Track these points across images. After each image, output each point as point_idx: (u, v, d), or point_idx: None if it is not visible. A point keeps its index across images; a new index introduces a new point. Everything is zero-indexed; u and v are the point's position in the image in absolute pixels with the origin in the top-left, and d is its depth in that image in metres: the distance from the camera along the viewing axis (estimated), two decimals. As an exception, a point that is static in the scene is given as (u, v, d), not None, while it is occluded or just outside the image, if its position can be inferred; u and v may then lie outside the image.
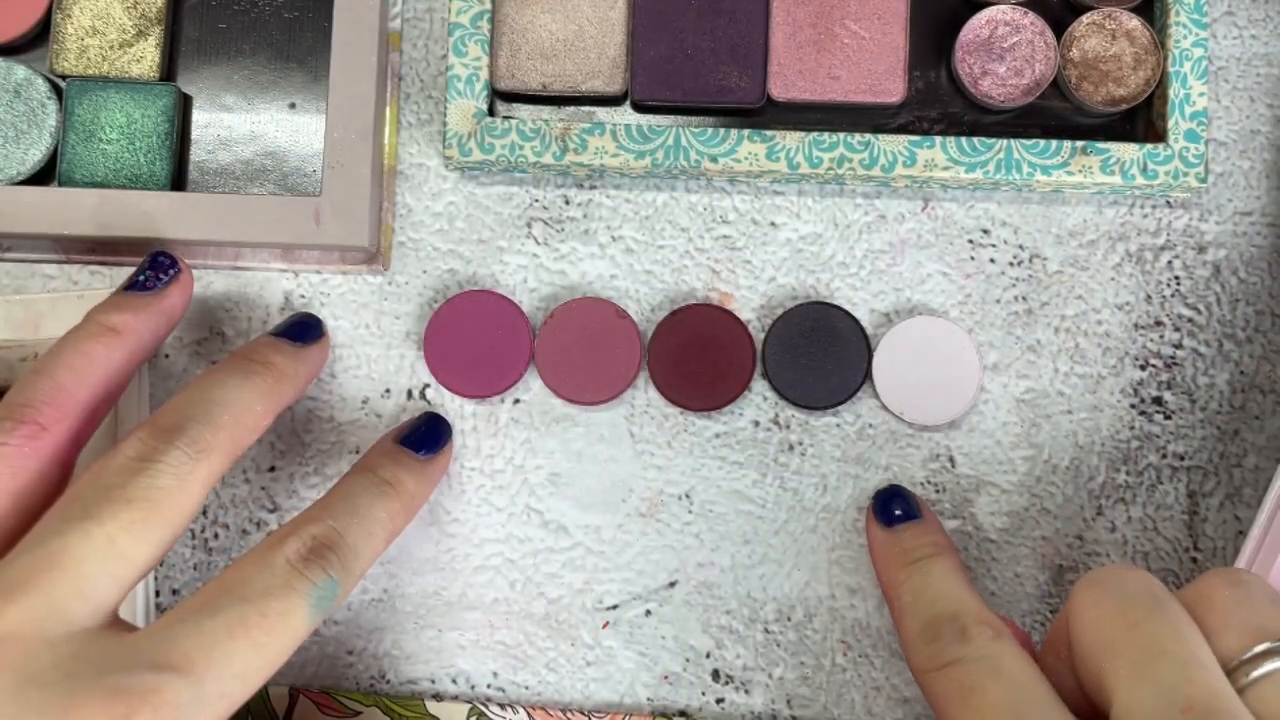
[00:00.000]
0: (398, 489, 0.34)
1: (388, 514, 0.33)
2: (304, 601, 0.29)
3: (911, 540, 0.36)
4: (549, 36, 0.39)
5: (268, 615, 0.28)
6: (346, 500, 0.32)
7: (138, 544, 0.28)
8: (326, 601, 0.30)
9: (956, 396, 0.39)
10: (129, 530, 0.28)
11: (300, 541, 0.30)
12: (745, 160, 0.39)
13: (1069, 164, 0.38)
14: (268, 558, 0.30)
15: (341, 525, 0.31)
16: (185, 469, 0.30)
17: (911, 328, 0.39)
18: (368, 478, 0.34)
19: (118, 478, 0.29)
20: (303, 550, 0.30)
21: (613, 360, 0.39)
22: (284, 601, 0.29)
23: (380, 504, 0.33)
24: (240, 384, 0.32)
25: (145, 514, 0.28)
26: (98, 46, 0.39)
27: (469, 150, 0.39)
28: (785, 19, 0.39)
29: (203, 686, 0.26)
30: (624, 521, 0.40)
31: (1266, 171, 0.41)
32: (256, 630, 0.28)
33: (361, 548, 0.32)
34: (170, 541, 0.29)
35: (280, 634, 0.28)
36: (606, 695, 0.39)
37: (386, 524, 0.33)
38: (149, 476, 0.29)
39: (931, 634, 0.32)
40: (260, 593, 0.28)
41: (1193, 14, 0.39)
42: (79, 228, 0.38)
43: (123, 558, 0.28)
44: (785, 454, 0.40)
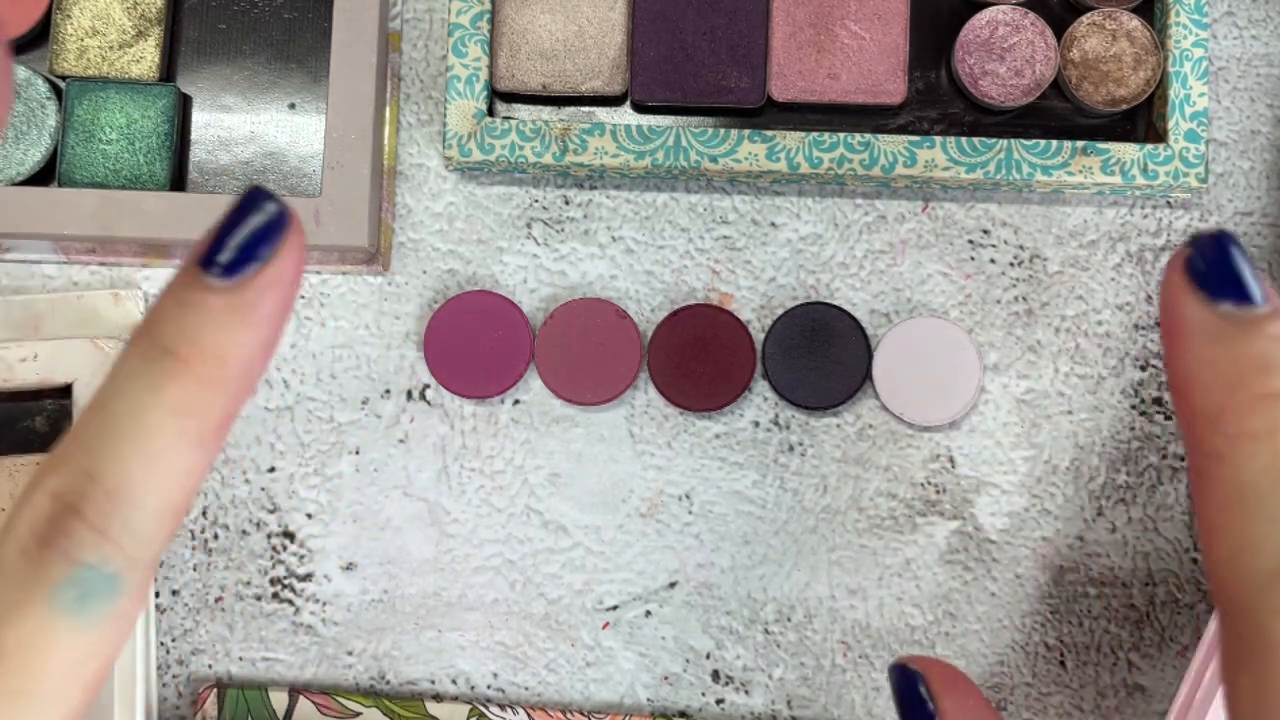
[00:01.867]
0: (187, 356, 0.19)
1: (175, 410, 0.19)
2: (55, 614, 0.18)
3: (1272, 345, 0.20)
4: (549, 37, 0.39)
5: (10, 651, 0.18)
6: (103, 410, 0.19)
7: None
8: (98, 596, 0.19)
9: (956, 397, 0.39)
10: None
11: (33, 512, 0.19)
12: (745, 161, 0.39)
13: (1069, 164, 0.38)
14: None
15: (95, 458, 0.19)
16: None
17: (911, 328, 0.39)
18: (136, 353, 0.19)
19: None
20: (37, 527, 0.19)
21: (613, 361, 0.39)
22: (28, 621, 0.18)
23: (157, 397, 0.19)
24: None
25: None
26: (97, 47, 0.39)
27: (469, 151, 0.39)
28: (785, 19, 0.39)
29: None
30: (624, 522, 0.40)
31: (1267, 172, 0.41)
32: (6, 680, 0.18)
33: (138, 490, 0.19)
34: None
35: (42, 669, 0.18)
36: (606, 696, 0.39)
37: (178, 427, 0.19)
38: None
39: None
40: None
41: (1193, 14, 0.39)
42: (79, 228, 0.38)
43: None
44: (785, 454, 0.40)
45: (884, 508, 0.40)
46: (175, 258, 0.40)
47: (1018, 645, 0.39)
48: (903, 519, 0.40)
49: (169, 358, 0.19)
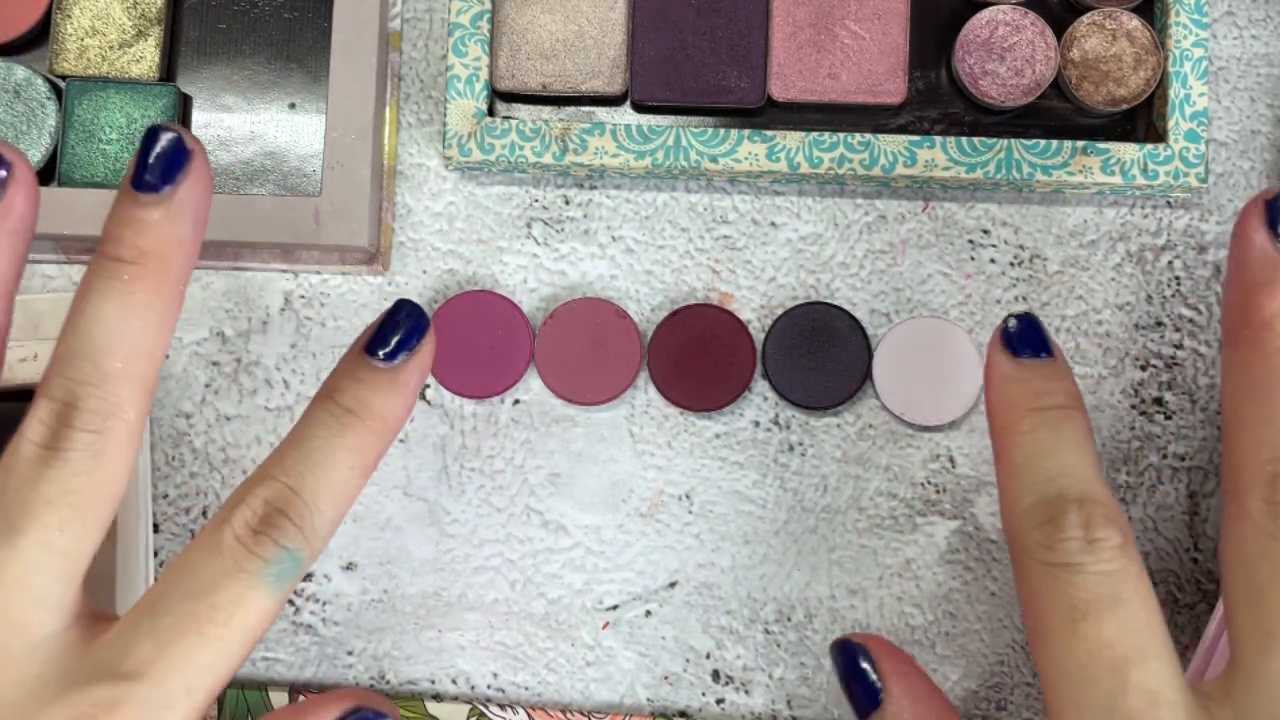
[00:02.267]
0: (361, 415, 0.28)
1: (352, 449, 0.28)
2: (259, 583, 0.26)
3: (1045, 383, 0.29)
4: (549, 36, 0.39)
5: (218, 608, 0.26)
6: (300, 446, 0.28)
7: (75, 539, 0.26)
8: (287, 576, 0.27)
9: (956, 397, 0.39)
10: (60, 531, 0.26)
11: (249, 511, 0.27)
12: (745, 160, 0.39)
13: (1069, 164, 0.38)
14: (215, 539, 0.26)
15: (295, 479, 0.27)
16: (97, 448, 0.26)
17: (911, 328, 0.39)
18: (324, 409, 0.28)
19: (28, 479, 0.26)
20: (252, 522, 0.26)
21: (613, 361, 0.39)
22: (234, 589, 0.26)
23: (341, 440, 0.28)
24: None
25: (72, 509, 0.26)
26: (97, 47, 0.39)
27: (469, 150, 0.39)
28: (785, 19, 0.39)
29: (165, 689, 0.25)
30: (624, 522, 0.40)
31: (1267, 172, 0.41)
32: (209, 625, 0.26)
33: (323, 501, 0.27)
34: (111, 514, 0.27)
35: (238, 624, 0.26)
36: (606, 696, 0.39)
37: (352, 462, 0.28)
38: (59, 469, 0.26)
39: (1047, 516, 0.27)
40: (208, 584, 0.26)
41: (1193, 14, 0.39)
42: (79, 228, 0.38)
43: (65, 556, 0.26)
44: (785, 454, 0.40)
45: (884, 507, 0.40)
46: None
47: (1018, 645, 0.39)
48: (903, 519, 0.40)
49: (349, 415, 0.28)
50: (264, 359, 0.40)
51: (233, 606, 0.26)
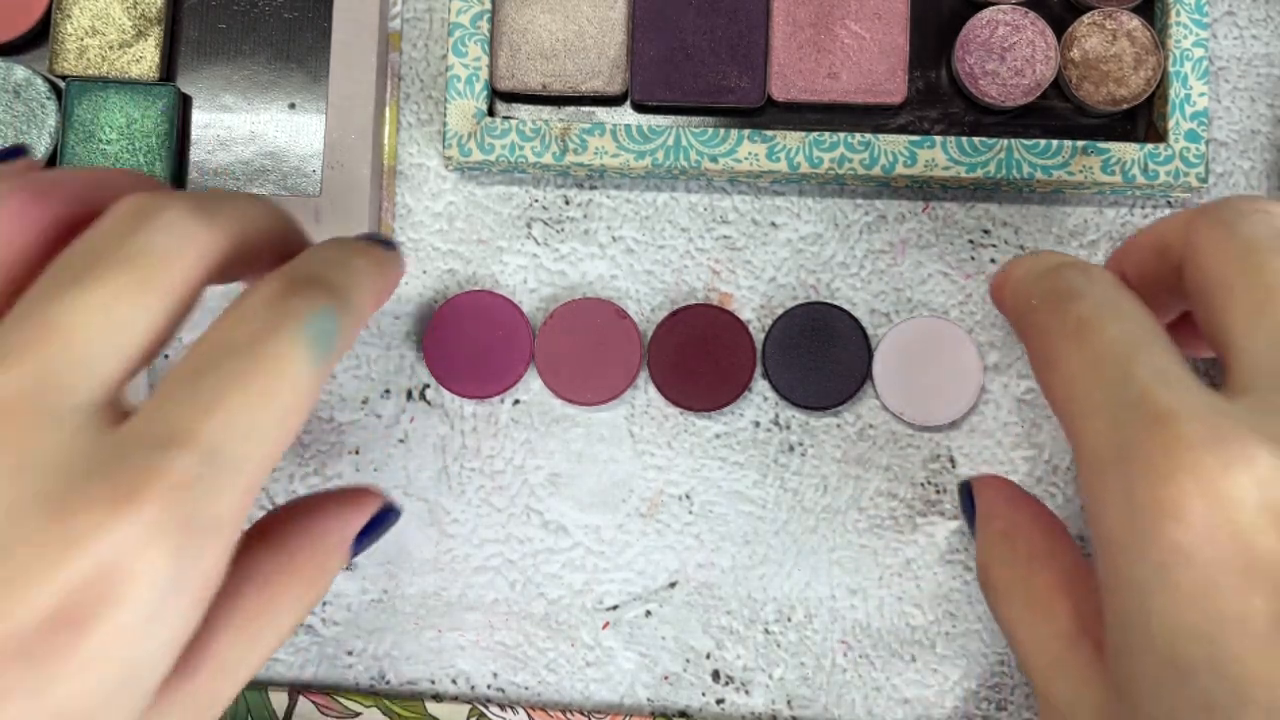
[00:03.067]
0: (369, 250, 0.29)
1: (367, 265, 0.28)
2: (297, 338, 0.24)
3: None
4: (549, 36, 0.39)
5: (260, 360, 0.24)
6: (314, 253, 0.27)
7: (138, 311, 0.24)
8: (326, 337, 0.25)
9: (957, 397, 0.39)
10: (125, 295, 0.24)
11: (273, 284, 0.25)
12: (745, 160, 0.39)
13: (1069, 164, 0.38)
14: (242, 307, 0.25)
15: (317, 269, 0.26)
16: (184, 228, 0.25)
17: (911, 328, 0.39)
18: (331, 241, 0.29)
19: (108, 239, 0.25)
20: (279, 289, 0.25)
21: (613, 361, 0.39)
22: (274, 342, 0.24)
23: (357, 256, 0.28)
24: None
25: (142, 278, 0.24)
26: (97, 47, 0.39)
27: (469, 150, 0.39)
28: (785, 19, 0.39)
29: (213, 456, 0.23)
30: (624, 522, 0.40)
31: (1267, 172, 0.41)
32: (252, 380, 0.24)
33: (349, 288, 0.26)
34: (174, 315, 0.25)
35: (281, 380, 0.24)
36: (606, 696, 0.39)
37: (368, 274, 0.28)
38: (144, 235, 0.25)
39: (1052, 267, 0.29)
40: (245, 341, 0.24)
41: (1193, 14, 0.39)
42: (79, 228, 0.38)
43: (123, 326, 0.24)
44: (785, 454, 0.40)
45: (884, 508, 0.40)
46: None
47: (1018, 645, 0.39)
48: (903, 519, 0.40)
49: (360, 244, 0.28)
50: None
51: (276, 361, 0.24)
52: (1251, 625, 0.23)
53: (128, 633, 0.22)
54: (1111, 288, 0.28)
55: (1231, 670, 0.23)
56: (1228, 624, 0.23)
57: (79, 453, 0.23)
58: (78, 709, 0.22)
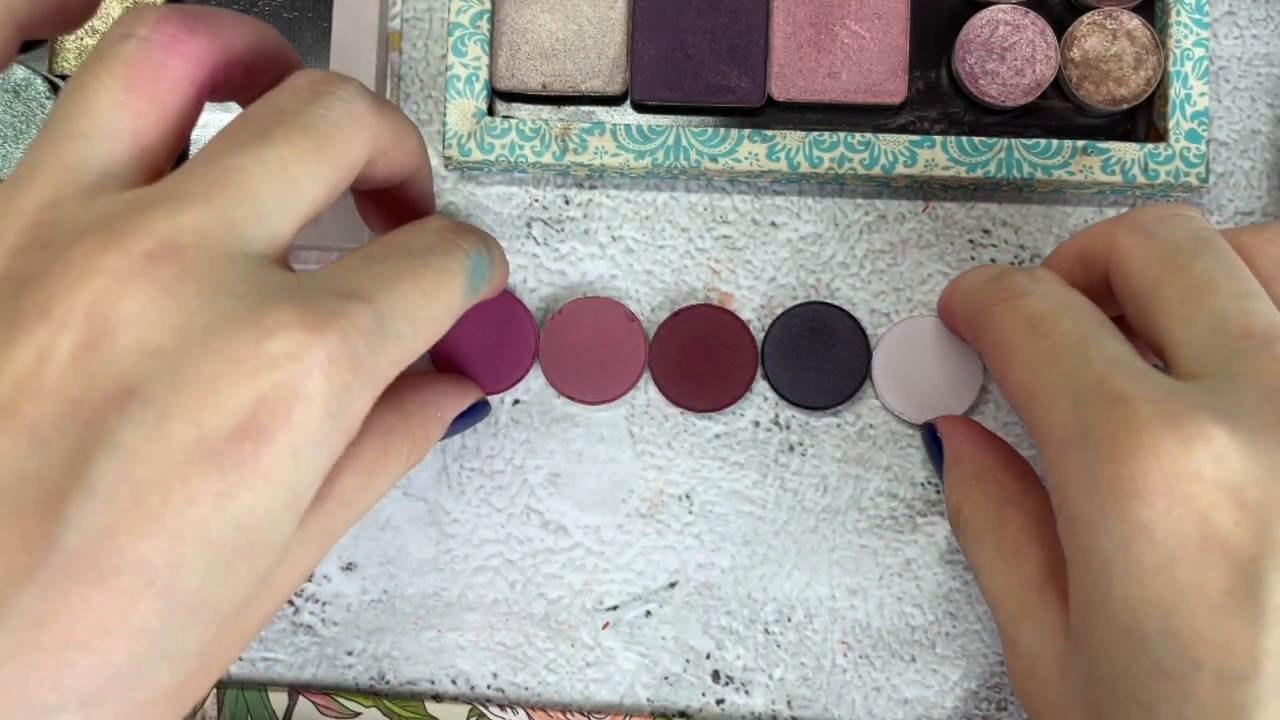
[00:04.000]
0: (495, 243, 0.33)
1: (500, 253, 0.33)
2: (461, 264, 0.28)
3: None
4: (549, 36, 0.39)
5: (431, 266, 0.27)
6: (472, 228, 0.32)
7: (310, 176, 0.26)
8: (479, 276, 0.29)
9: (957, 396, 0.39)
10: (302, 158, 0.25)
11: (447, 220, 0.30)
12: (745, 160, 0.39)
13: (1070, 164, 0.38)
14: (420, 227, 0.29)
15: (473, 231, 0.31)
16: (358, 109, 0.27)
17: (911, 327, 0.39)
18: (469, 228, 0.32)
19: (290, 104, 0.26)
20: (450, 225, 0.29)
21: (617, 362, 0.39)
22: (444, 259, 0.28)
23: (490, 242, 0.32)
24: None
25: (319, 144, 0.26)
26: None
27: (469, 150, 0.39)
28: (785, 19, 0.39)
29: (383, 320, 0.25)
30: (624, 522, 0.40)
31: (1267, 171, 0.41)
32: (423, 278, 0.27)
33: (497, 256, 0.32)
34: (338, 187, 0.27)
35: (444, 288, 0.27)
36: (606, 696, 0.39)
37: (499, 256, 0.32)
38: (323, 107, 0.26)
39: (998, 273, 0.32)
40: (421, 249, 0.27)
41: (1194, 14, 0.39)
42: (78, 228, 0.38)
43: (296, 186, 0.25)
44: (785, 454, 0.40)
45: (884, 508, 0.40)
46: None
47: (1018, 645, 0.39)
48: (903, 519, 0.40)
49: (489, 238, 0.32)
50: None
51: (442, 272, 0.27)
52: (1207, 596, 0.24)
53: (302, 451, 0.23)
54: (1057, 285, 0.30)
55: (1185, 637, 0.25)
56: (1185, 594, 0.24)
57: (269, 281, 0.24)
58: (253, 523, 0.23)
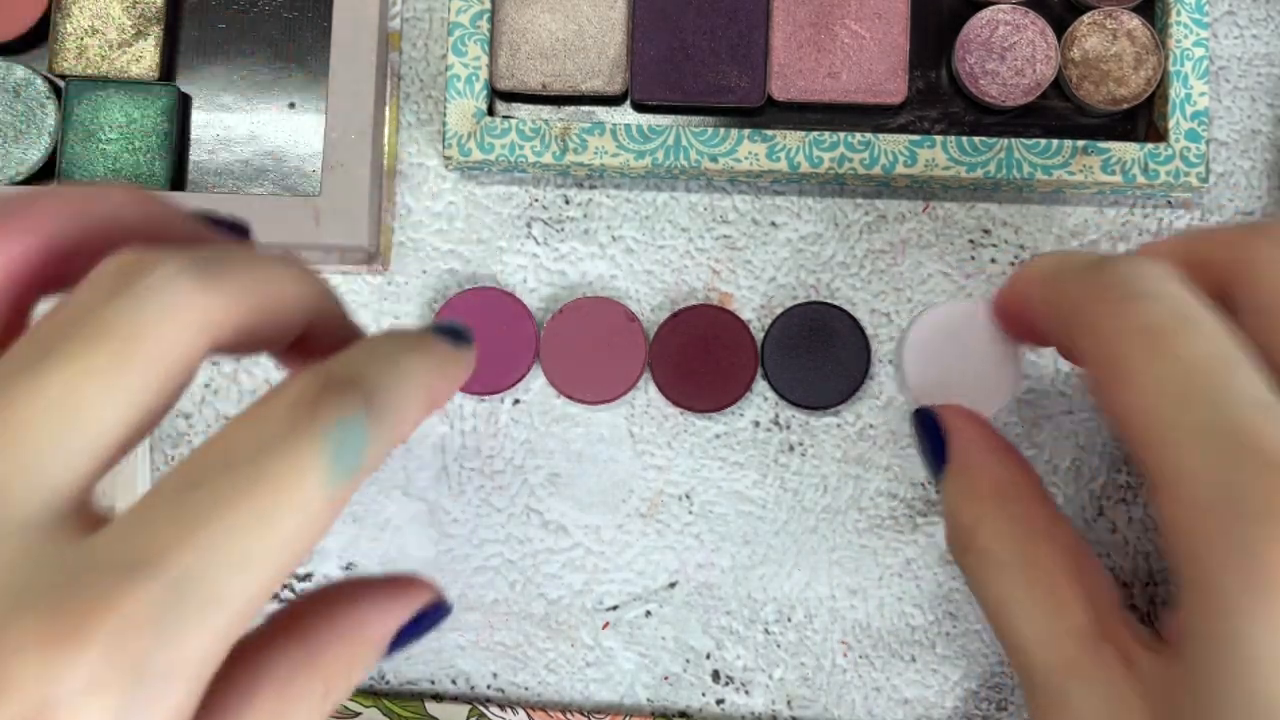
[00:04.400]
0: (430, 346, 0.25)
1: (422, 366, 0.24)
2: (317, 455, 0.20)
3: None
4: (549, 36, 0.39)
5: (265, 478, 0.20)
6: (365, 348, 0.23)
7: (108, 396, 0.20)
8: (351, 454, 0.21)
9: (999, 387, 0.33)
10: (94, 376, 0.20)
11: (306, 381, 0.21)
12: (745, 160, 0.39)
13: (1070, 164, 0.38)
14: (263, 409, 0.21)
15: (363, 368, 0.22)
16: (178, 291, 0.21)
17: (950, 314, 0.33)
18: (389, 336, 0.24)
19: (84, 305, 0.20)
20: (310, 391, 0.21)
21: (618, 363, 0.39)
22: (288, 456, 0.20)
23: (411, 355, 0.24)
24: None
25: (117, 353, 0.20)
26: (97, 46, 0.39)
27: (469, 150, 0.39)
28: (785, 19, 0.39)
29: (184, 585, 0.19)
30: (624, 522, 0.40)
31: (1268, 171, 0.41)
32: (251, 499, 0.19)
33: (393, 393, 0.22)
34: (154, 405, 0.21)
35: (289, 501, 0.20)
36: (606, 696, 0.39)
37: (421, 376, 0.23)
38: (126, 299, 0.20)
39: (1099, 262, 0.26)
40: (254, 450, 0.20)
41: (1194, 13, 0.39)
42: (78, 228, 0.38)
43: (89, 415, 0.20)
44: (786, 454, 0.40)
45: (884, 508, 0.40)
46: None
47: (1018, 645, 0.39)
48: (903, 519, 0.40)
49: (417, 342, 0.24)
50: (263, 359, 0.40)
51: (284, 478, 0.20)
52: None
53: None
54: (1177, 285, 0.25)
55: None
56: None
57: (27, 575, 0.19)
58: None
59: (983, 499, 0.29)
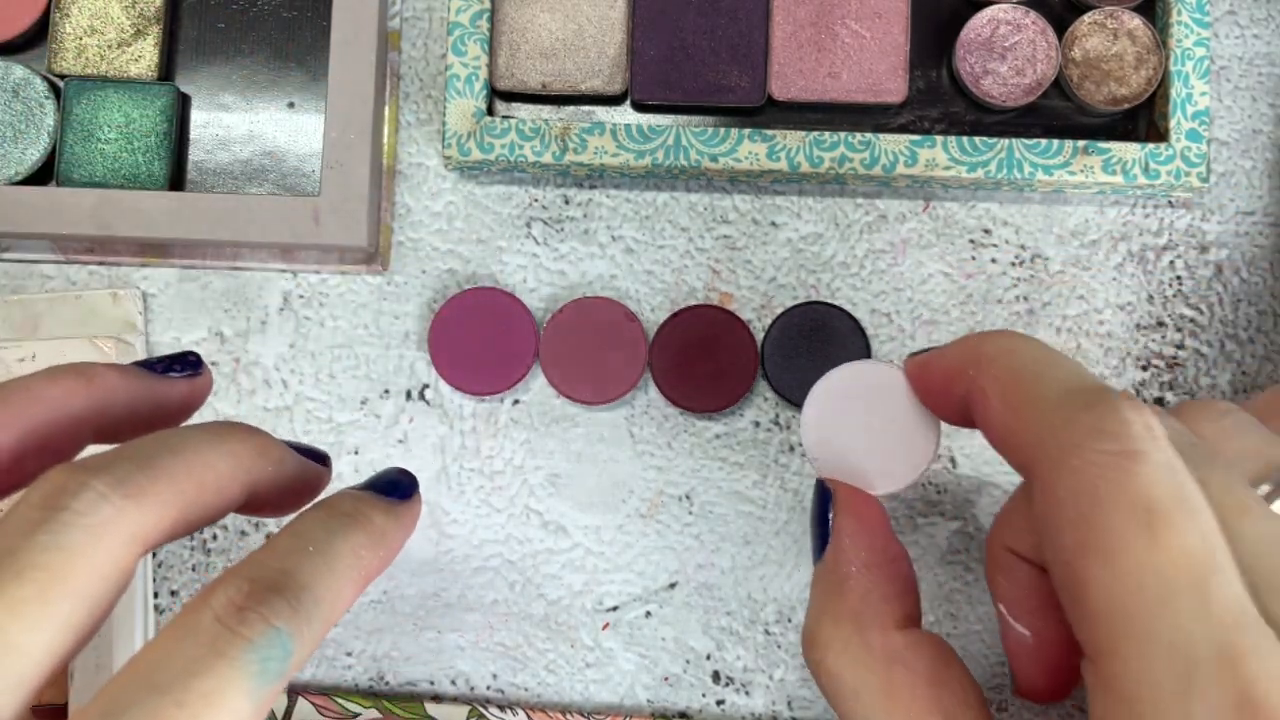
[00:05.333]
0: (361, 522, 0.25)
1: (352, 547, 0.25)
2: (241, 671, 0.21)
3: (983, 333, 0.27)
4: (549, 36, 0.39)
5: (188, 702, 0.20)
6: (295, 537, 0.24)
7: (32, 631, 0.20)
8: (276, 663, 0.21)
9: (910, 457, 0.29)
10: (19, 612, 0.20)
11: (233, 589, 0.22)
12: (746, 160, 0.38)
13: (1070, 164, 0.38)
14: (190, 621, 0.21)
15: (289, 563, 0.23)
16: (107, 510, 0.21)
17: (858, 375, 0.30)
18: (322, 512, 0.25)
19: (10, 539, 0.21)
20: (236, 599, 0.22)
21: (616, 363, 0.39)
22: (212, 677, 0.21)
23: (341, 537, 0.25)
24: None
25: (41, 588, 0.21)
26: (96, 46, 0.39)
27: (468, 150, 0.39)
28: (786, 18, 0.39)
29: None
30: (624, 522, 0.40)
31: (1268, 171, 0.40)
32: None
33: (320, 587, 0.23)
34: (88, 621, 0.21)
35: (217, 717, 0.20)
36: (606, 697, 0.39)
37: (351, 559, 0.24)
38: (49, 532, 0.21)
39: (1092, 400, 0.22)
40: (180, 672, 0.20)
41: (1194, 13, 0.39)
42: (77, 227, 0.38)
43: (13, 651, 0.20)
44: (786, 454, 0.40)
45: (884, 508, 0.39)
46: (174, 257, 0.40)
47: (1019, 646, 0.39)
48: (903, 519, 0.39)
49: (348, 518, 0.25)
50: (262, 359, 0.40)
51: (208, 701, 0.20)
52: None
53: None
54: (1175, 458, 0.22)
55: None
56: None
57: None
58: None
59: (840, 621, 0.27)
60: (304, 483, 0.27)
